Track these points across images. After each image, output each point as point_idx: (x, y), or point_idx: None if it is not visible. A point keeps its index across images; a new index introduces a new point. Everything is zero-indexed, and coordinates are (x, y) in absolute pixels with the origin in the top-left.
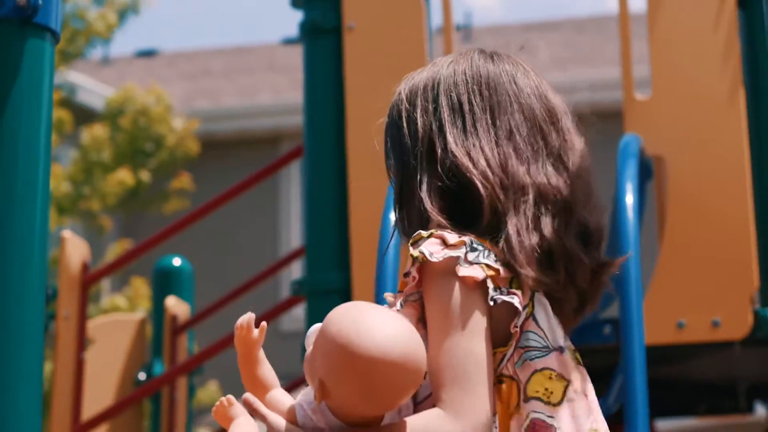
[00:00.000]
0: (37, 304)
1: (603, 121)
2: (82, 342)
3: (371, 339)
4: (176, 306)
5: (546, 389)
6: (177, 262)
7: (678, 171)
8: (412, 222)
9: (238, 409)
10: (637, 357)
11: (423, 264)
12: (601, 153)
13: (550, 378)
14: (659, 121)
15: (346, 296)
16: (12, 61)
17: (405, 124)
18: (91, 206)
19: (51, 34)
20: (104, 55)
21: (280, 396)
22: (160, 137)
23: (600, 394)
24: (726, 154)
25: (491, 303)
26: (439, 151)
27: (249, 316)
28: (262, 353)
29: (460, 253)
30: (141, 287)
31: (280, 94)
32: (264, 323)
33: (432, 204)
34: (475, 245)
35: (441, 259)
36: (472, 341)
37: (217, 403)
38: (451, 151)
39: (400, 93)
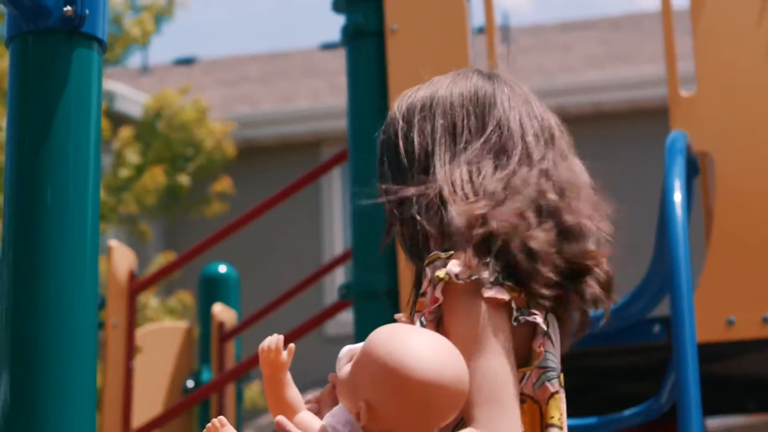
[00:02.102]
0: (91, 313)
1: (641, 119)
2: (130, 351)
3: (424, 361)
4: (223, 313)
5: (561, 415)
6: (223, 269)
7: (724, 166)
8: (410, 240)
9: (230, 430)
10: (689, 355)
11: (447, 285)
12: (636, 149)
13: (560, 402)
14: (705, 117)
15: (393, 298)
16: (60, 71)
17: (402, 143)
18: (130, 209)
19: (98, 43)
20: (143, 64)
21: (309, 417)
22: (198, 141)
23: (651, 393)
24: None
25: (514, 323)
26: (430, 173)
27: (277, 338)
28: (289, 375)
29: (484, 274)
30: (186, 299)
31: (319, 98)
32: (292, 345)
33: (426, 225)
34: (495, 267)
35: (467, 280)
36: (502, 361)
37: (209, 425)
38: (436, 177)
39: (396, 110)
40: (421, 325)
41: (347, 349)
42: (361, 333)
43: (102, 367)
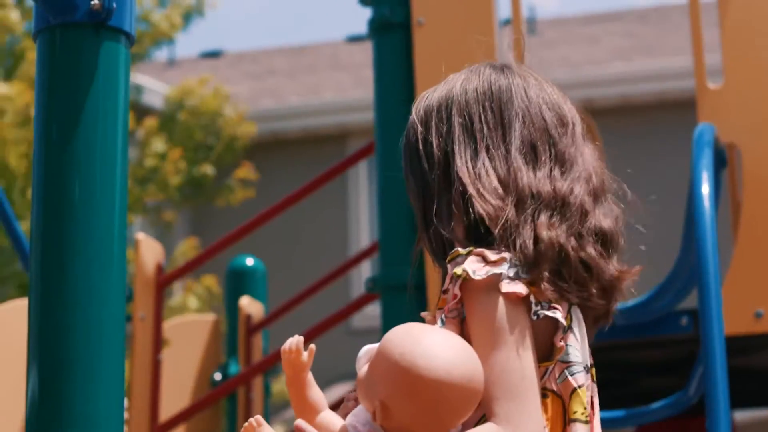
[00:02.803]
0: (118, 306)
1: (668, 111)
2: (158, 343)
3: (436, 360)
4: (250, 305)
5: (584, 409)
6: (250, 262)
7: (752, 159)
8: (437, 243)
9: (267, 430)
10: (717, 348)
11: (465, 281)
12: (663, 142)
13: (583, 396)
14: (732, 109)
15: (421, 292)
16: (87, 65)
17: (422, 147)
18: (154, 197)
19: (125, 37)
20: (169, 57)
21: (331, 417)
22: (218, 129)
23: (678, 385)
24: None
25: (534, 318)
26: (452, 174)
27: (298, 339)
28: (310, 375)
29: (502, 269)
30: (212, 285)
31: (345, 92)
32: (312, 346)
33: (447, 228)
34: (514, 261)
35: (484, 276)
36: (522, 356)
37: (246, 424)
38: (459, 176)
39: (414, 114)
40: (442, 322)
41: (366, 349)
42: (387, 326)
43: (130, 360)
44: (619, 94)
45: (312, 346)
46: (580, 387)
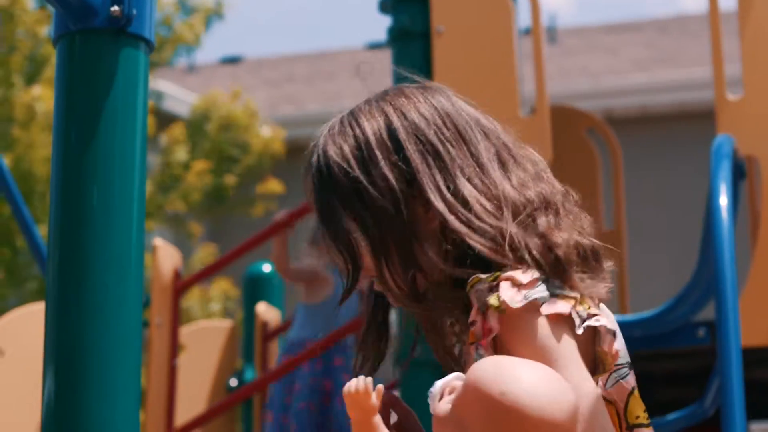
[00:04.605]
0: (135, 312)
1: (687, 122)
2: (174, 349)
3: (542, 399)
4: (267, 312)
5: (644, 412)
6: (267, 268)
7: None
8: (408, 285)
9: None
10: (734, 360)
11: (502, 313)
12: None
13: (639, 398)
14: (752, 121)
15: None
16: (107, 71)
17: (369, 186)
18: (176, 207)
19: (145, 43)
20: (189, 63)
21: None
22: (246, 144)
23: (694, 397)
24: None
25: (580, 332)
26: (421, 208)
27: (366, 380)
28: (378, 417)
29: (539, 292)
30: (229, 289)
31: (364, 98)
32: (381, 386)
33: (442, 265)
34: (542, 277)
35: (524, 303)
36: (579, 374)
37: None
38: (439, 211)
39: (334, 154)
40: (478, 356)
41: (442, 384)
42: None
43: (146, 366)
44: (638, 104)
45: (380, 386)
46: (634, 389)
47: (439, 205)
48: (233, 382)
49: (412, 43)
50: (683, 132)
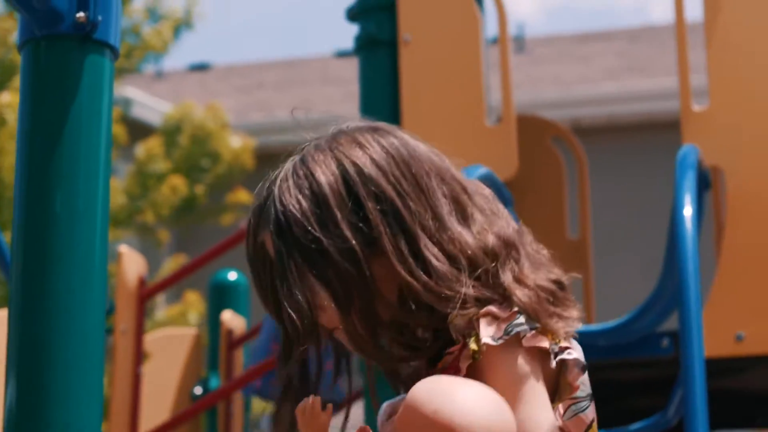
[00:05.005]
0: (98, 319)
1: (656, 132)
2: (139, 356)
3: (472, 416)
4: (232, 320)
5: None
6: (233, 276)
7: (737, 181)
8: (370, 336)
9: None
10: (697, 370)
11: (478, 359)
12: (650, 162)
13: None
14: (717, 132)
15: None
16: (72, 77)
17: (331, 248)
18: (146, 218)
19: (110, 50)
20: (158, 70)
21: None
22: (217, 154)
23: (659, 407)
24: None
25: (553, 365)
26: (389, 269)
27: (315, 399)
28: None
29: (520, 326)
30: (195, 300)
31: (334, 106)
32: (330, 405)
33: (405, 318)
34: (520, 314)
35: (506, 339)
36: (546, 406)
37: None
38: (400, 274)
39: (293, 208)
40: None
41: (387, 405)
42: None
43: (110, 373)
44: (607, 113)
45: (329, 405)
46: (593, 422)
47: (400, 269)
48: (198, 390)
49: (379, 52)
50: (652, 142)
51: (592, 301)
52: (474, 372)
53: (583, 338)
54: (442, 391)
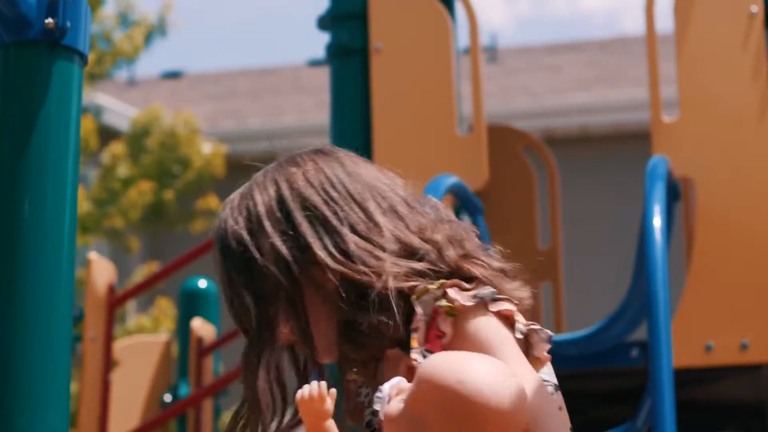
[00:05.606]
0: (65, 325)
1: (627, 142)
2: (108, 364)
3: (497, 385)
4: (202, 328)
5: (571, 431)
6: (203, 283)
7: (706, 192)
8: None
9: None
10: (666, 380)
11: (451, 315)
12: (621, 173)
13: (567, 419)
14: (687, 143)
15: None
16: (40, 83)
17: (260, 258)
18: (114, 223)
19: (79, 56)
20: (130, 77)
21: None
22: (187, 159)
23: (628, 416)
24: (755, 174)
25: (519, 336)
26: (325, 270)
27: (321, 385)
28: (331, 422)
29: (486, 291)
30: (167, 307)
31: (306, 115)
32: (333, 391)
33: (355, 315)
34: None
35: (475, 302)
36: (528, 366)
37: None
38: (335, 271)
39: (230, 231)
40: (423, 357)
41: (389, 387)
42: None
43: (79, 380)
44: (578, 124)
45: (333, 391)
46: (560, 409)
47: (328, 260)
48: (167, 397)
49: (350, 60)
50: (622, 152)
51: (562, 310)
52: (456, 340)
53: (553, 347)
54: (460, 363)
